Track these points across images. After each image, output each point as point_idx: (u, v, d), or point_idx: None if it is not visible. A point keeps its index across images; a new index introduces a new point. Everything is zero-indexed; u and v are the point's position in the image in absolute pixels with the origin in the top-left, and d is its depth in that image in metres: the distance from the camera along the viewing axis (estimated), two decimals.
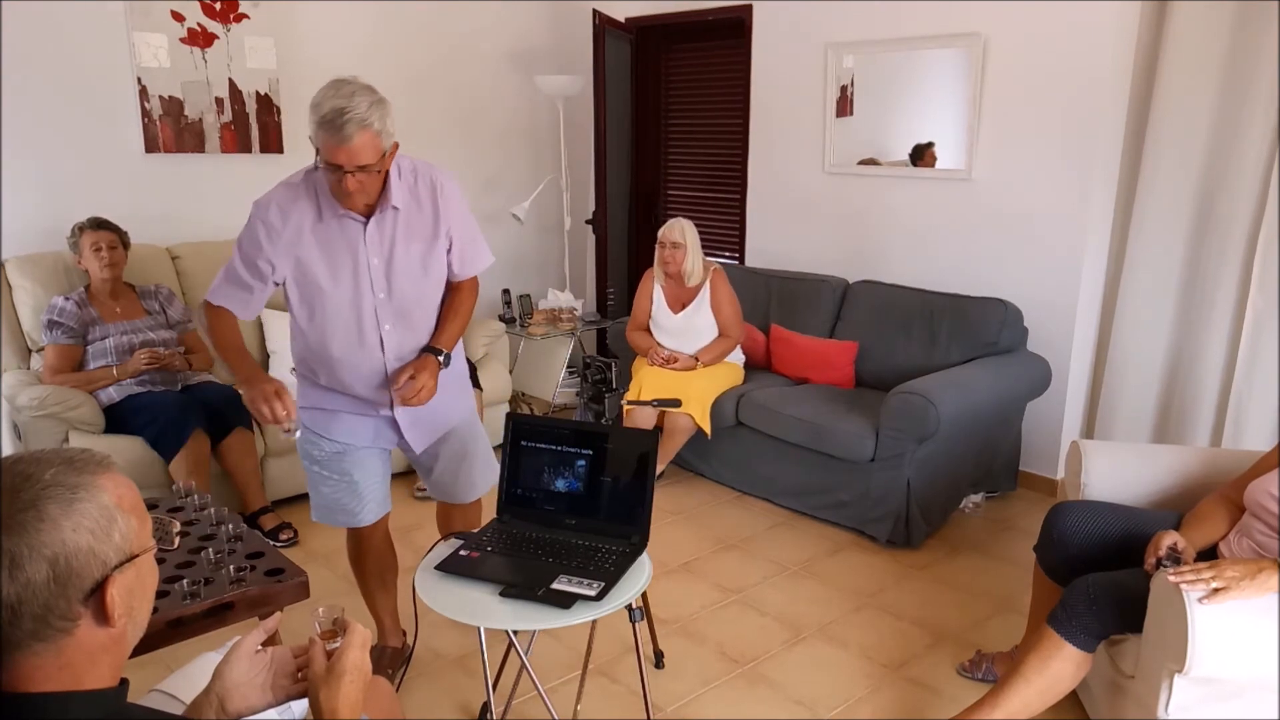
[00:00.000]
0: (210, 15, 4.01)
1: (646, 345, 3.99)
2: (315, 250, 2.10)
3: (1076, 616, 2.07)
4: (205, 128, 4.09)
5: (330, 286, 2.12)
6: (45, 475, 0.94)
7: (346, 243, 2.12)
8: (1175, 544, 2.04)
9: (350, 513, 2.40)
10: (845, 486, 3.45)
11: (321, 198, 2.09)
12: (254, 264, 2.10)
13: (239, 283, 2.14)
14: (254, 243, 2.09)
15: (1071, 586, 2.12)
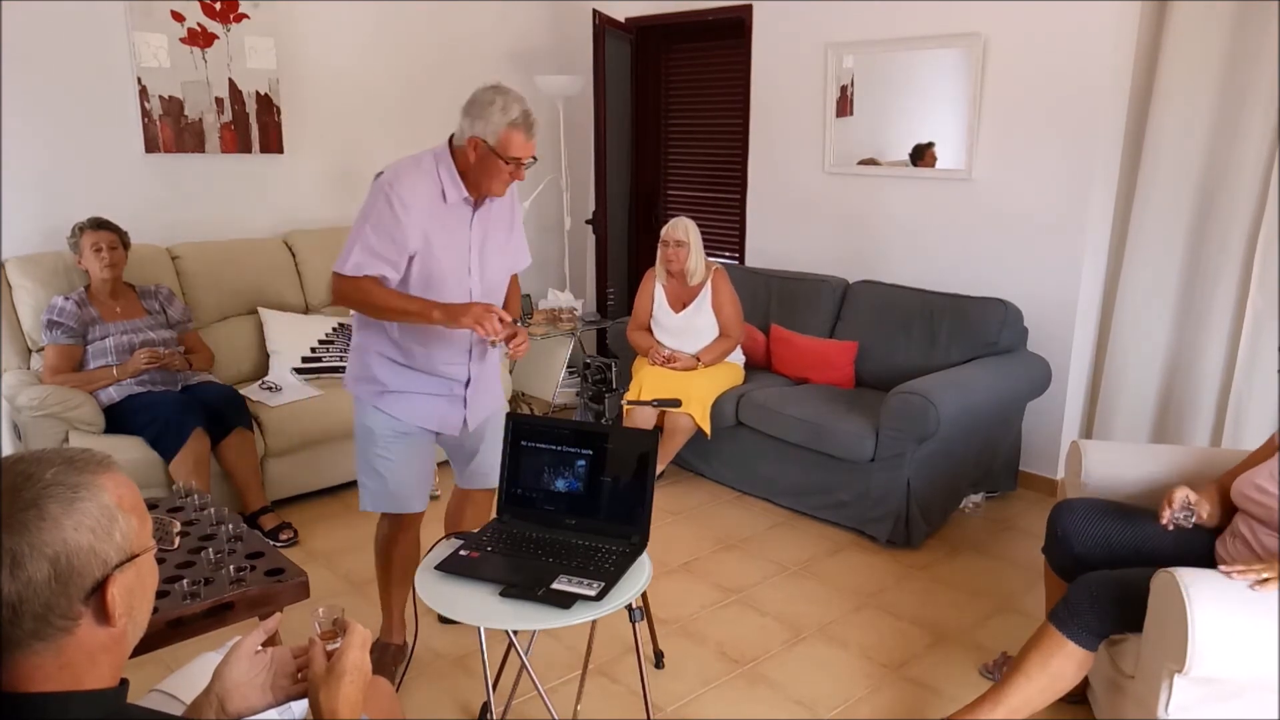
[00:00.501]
0: (210, 15, 4.01)
1: (647, 345, 3.99)
2: (437, 229, 2.26)
3: (1078, 615, 2.08)
4: (205, 128, 4.09)
5: (445, 264, 2.27)
6: (46, 474, 0.94)
7: (459, 225, 2.30)
8: (1188, 497, 2.05)
9: (403, 499, 2.46)
10: (845, 486, 3.45)
11: (446, 181, 2.26)
12: (391, 238, 2.20)
13: (380, 255, 2.22)
14: (390, 217, 2.19)
15: (1075, 584, 2.13)
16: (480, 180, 2.27)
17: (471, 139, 2.24)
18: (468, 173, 2.27)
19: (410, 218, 2.20)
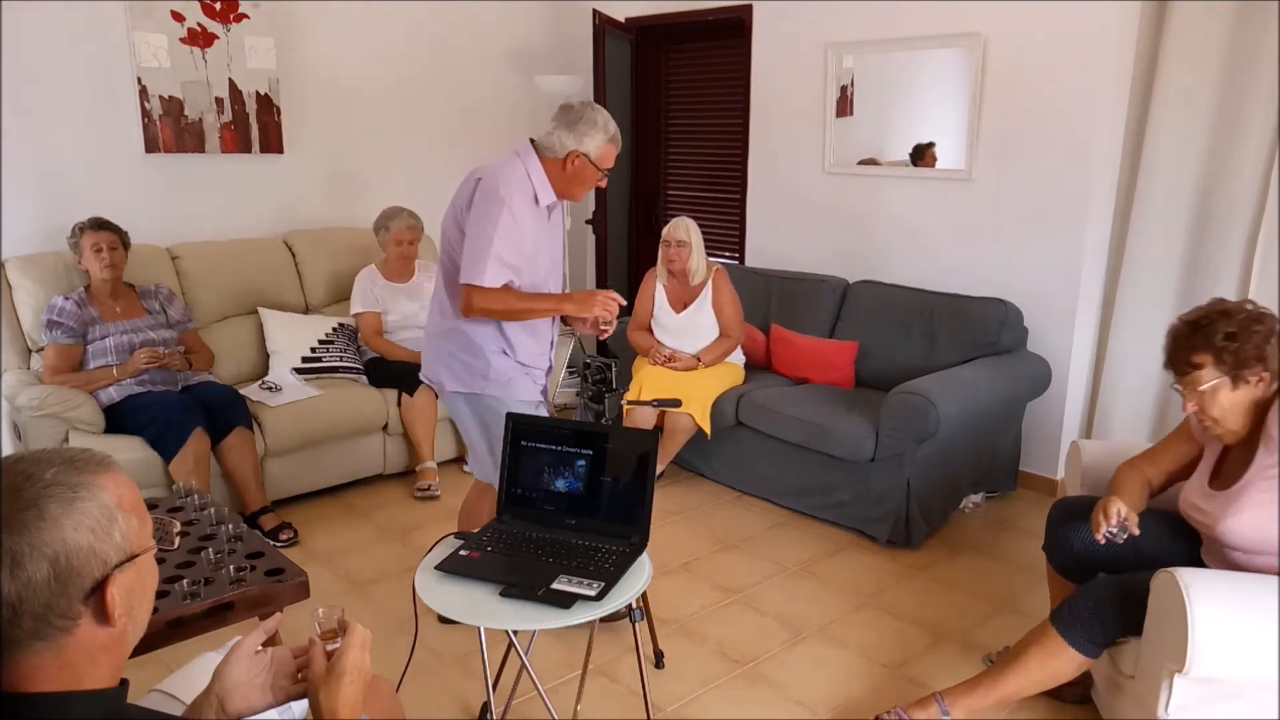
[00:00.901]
0: (210, 15, 4.01)
1: (647, 345, 3.99)
2: (539, 231, 2.51)
3: (1081, 622, 2.08)
4: (205, 128, 4.09)
5: (543, 262, 2.55)
6: (46, 474, 0.94)
7: (553, 226, 2.60)
8: (1120, 510, 2.07)
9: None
10: (845, 486, 3.45)
11: (537, 186, 2.48)
12: (517, 247, 2.42)
13: (509, 264, 2.42)
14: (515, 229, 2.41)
15: (1079, 592, 2.13)
16: (568, 188, 2.50)
17: (572, 153, 2.44)
18: (556, 180, 2.48)
19: (527, 225, 2.43)
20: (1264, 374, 1.93)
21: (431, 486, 3.81)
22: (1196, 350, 1.95)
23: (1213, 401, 1.96)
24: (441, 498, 3.82)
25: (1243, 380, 1.93)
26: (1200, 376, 1.96)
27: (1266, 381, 1.94)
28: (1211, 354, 1.94)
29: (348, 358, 4.00)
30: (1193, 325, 1.98)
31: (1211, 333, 1.94)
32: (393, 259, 4.03)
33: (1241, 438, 2.03)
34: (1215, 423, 2.00)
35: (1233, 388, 1.94)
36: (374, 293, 4.03)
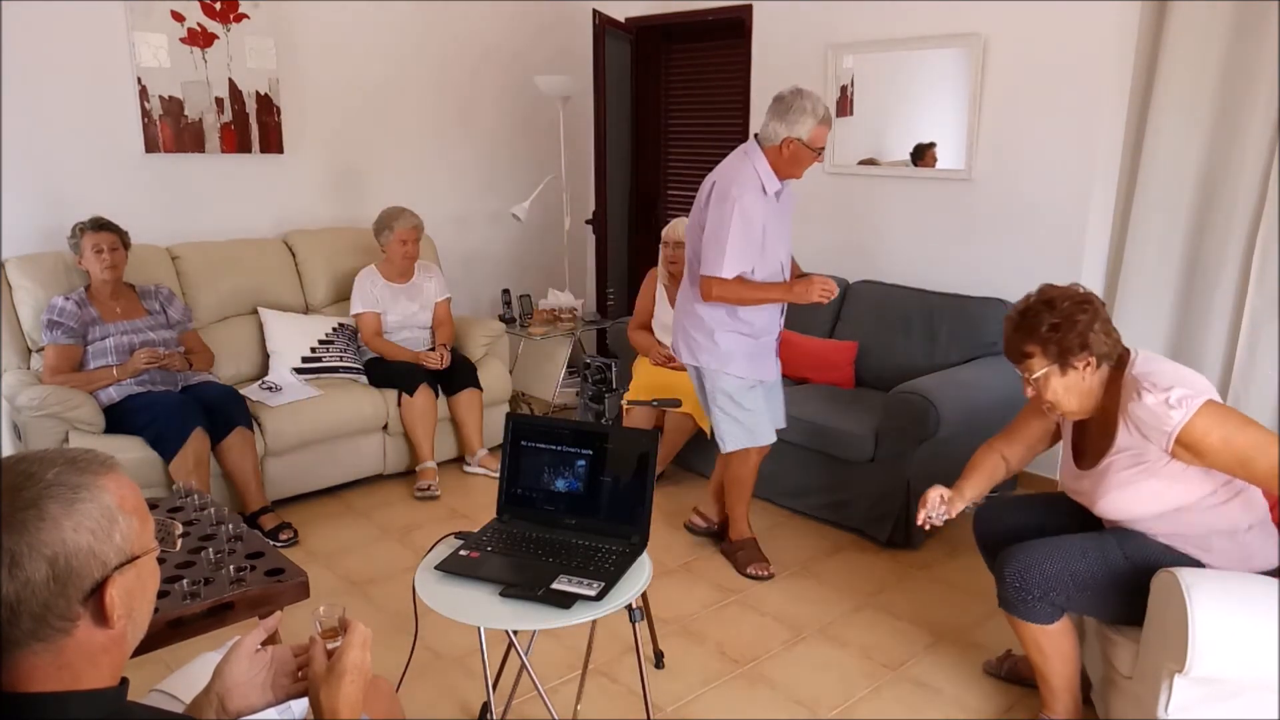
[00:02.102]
0: (210, 15, 4.01)
1: (648, 344, 3.99)
2: (770, 219, 2.82)
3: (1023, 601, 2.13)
4: (205, 128, 4.09)
5: (773, 248, 2.86)
6: (48, 475, 0.94)
7: (782, 212, 2.89)
8: (941, 495, 2.26)
9: (760, 434, 3.04)
10: (845, 486, 3.45)
11: (764, 177, 2.79)
12: (750, 240, 2.77)
13: (746, 256, 2.79)
14: (745, 225, 2.74)
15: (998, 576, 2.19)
16: (789, 169, 2.80)
17: (786, 140, 2.74)
18: (777, 165, 2.78)
19: (756, 216, 2.75)
20: (1089, 359, 1.97)
21: (431, 486, 3.81)
22: (1025, 341, 2.01)
23: (1046, 387, 2.02)
24: (441, 498, 3.82)
25: (1070, 367, 1.98)
26: (1032, 365, 2.02)
27: (1093, 366, 1.99)
28: (1038, 344, 1.99)
29: (348, 358, 4.00)
30: (1021, 314, 2.04)
31: (1037, 324, 1.99)
32: (395, 259, 4.03)
33: (1096, 414, 2.07)
34: (1052, 406, 2.06)
35: (1061, 374, 2.00)
36: (374, 293, 4.03)
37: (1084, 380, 2.01)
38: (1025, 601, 2.12)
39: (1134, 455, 1.99)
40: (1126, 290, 3.65)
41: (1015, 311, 2.06)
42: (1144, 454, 1.97)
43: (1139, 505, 2.03)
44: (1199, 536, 2.02)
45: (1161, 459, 1.96)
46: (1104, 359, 2.01)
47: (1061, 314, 1.97)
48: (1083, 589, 2.08)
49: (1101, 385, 2.04)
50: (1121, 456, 2.01)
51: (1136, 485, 2.00)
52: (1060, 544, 2.12)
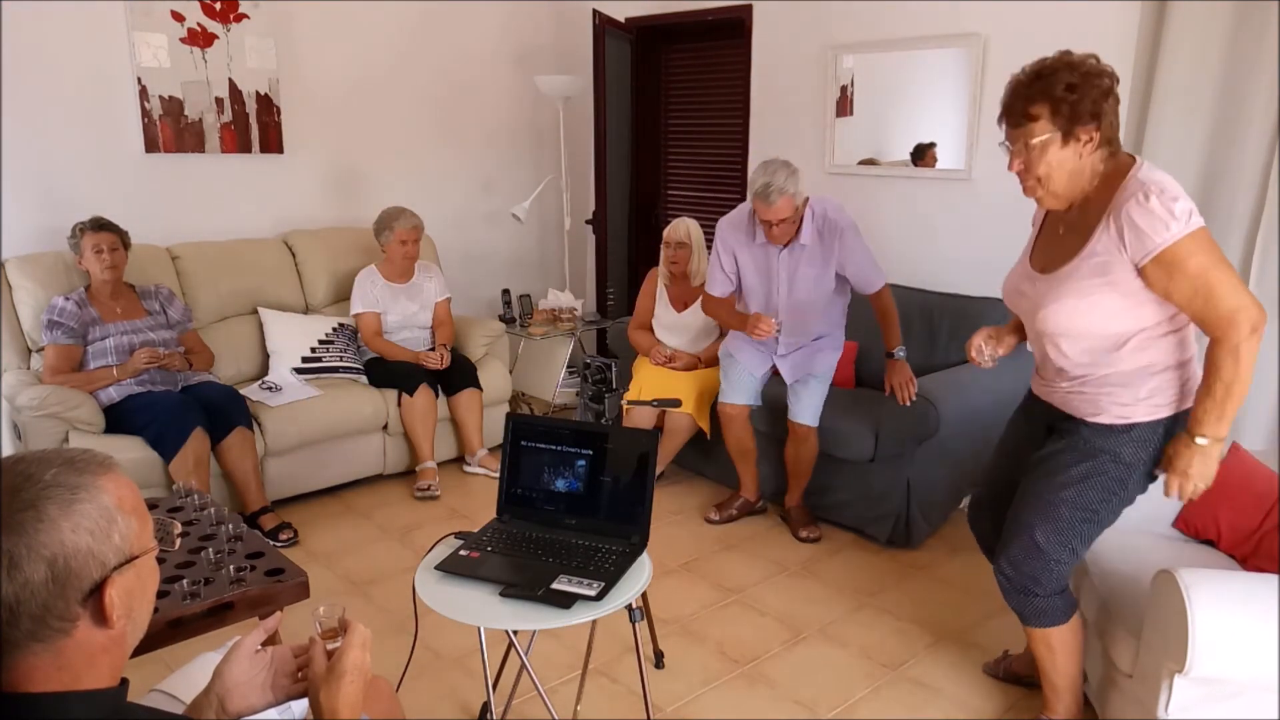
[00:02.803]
0: (210, 15, 4.01)
1: (648, 344, 3.99)
2: (749, 261, 3.34)
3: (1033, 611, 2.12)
4: (205, 128, 4.09)
5: (754, 285, 3.36)
6: (46, 475, 0.94)
7: (767, 260, 3.30)
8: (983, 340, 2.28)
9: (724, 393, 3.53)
10: (845, 486, 3.45)
11: (756, 228, 3.23)
12: (722, 266, 3.38)
13: (721, 281, 3.41)
14: (722, 251, 3.37)
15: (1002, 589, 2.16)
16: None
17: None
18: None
19: (728, 252, 3.36)
20: (1094, 134, 1.85)
21: (431, 486, 3.81)
22: (1035, 100, 1.85)
23: (1040, 158, 1.87)
24: (441, 498, 3.82)
25: (1074, 137, 1.85)
26: (1034, 129, 1.86)
27: (1094, 144, 1.87)
28: (1049, 105, 1.83)
29: (348, 358, 4.00)
30: (1035, 74, 1.87)
31: (1054, 82, 1.83)
32: (396, 259, 4.03)
33: (1074, 214, 1.96)
34: (1038, 183, 1.92)
35: (1062, 144, 1.86)
36: (374, 293, 4.03)
37: (1080, 158, 1.87)
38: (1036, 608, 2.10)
39: (1101, 264, 1.87)
40: None
41: (1027, 71, 1.88)
42: (1111, 265, 1.86)
43: (1087, 320, 1.91)
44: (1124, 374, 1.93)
45: (1127, 274, 1.85)
46: (1106, 143, 1.88)
47: (1080, 75, 1.82)
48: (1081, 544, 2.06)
49: (1093, 178, 1.91)
50: (1088, 263, 1.89)
51: (1093, 297, 1.89)
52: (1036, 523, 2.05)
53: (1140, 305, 1.88)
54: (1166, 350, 1.92)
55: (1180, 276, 1.79)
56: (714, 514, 3.64)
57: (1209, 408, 1.84)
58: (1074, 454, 2.00)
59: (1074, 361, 1.99)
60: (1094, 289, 1.89)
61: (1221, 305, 1.78)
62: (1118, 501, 2.02)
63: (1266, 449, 3.19)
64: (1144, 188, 1.83)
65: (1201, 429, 1.86)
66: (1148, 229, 1.79)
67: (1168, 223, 1.78)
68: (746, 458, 3.60)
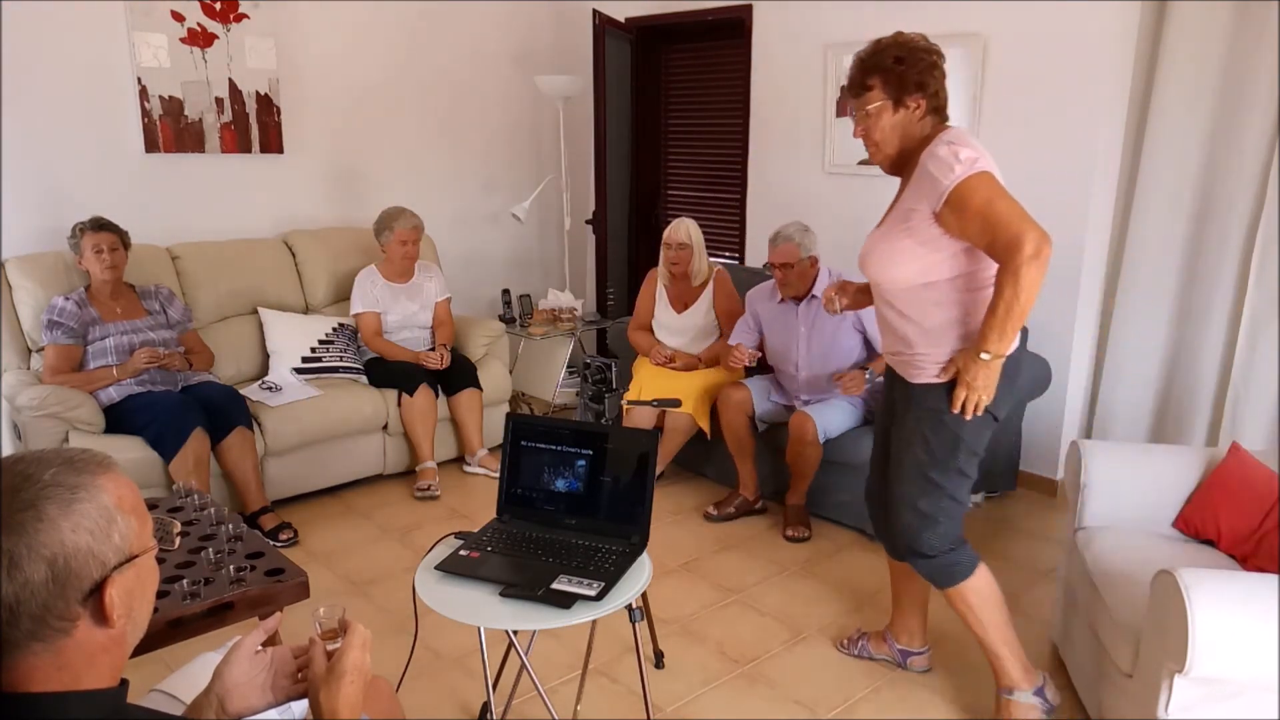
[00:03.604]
0: (210, 15, 4.01)
1: (648, 345, 3.99)
2: (771, 319, 3.59)
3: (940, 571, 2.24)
4: (205, 128, 4.09)
5: (777, 338, 3.58)
6: (45, 475, 0.94)
7: (785, 316, 3.54)
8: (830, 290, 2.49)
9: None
10: (845, 486, 3.45)
11: (777, 292, 3.54)
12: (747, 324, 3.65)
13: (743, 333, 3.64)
14: (749, 313, 3.66)
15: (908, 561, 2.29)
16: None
17: None
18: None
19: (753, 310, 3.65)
20: (921, 101, 2.08)
21: (431, 486, 3.81)
22: (870, 72, 2.11)
23: (876, 124, 2.11)
24: (441, 498, 3.82)
25: (903, 105, 2.08)
26: (870, 97, 2.11)
27: (922, 110, 2.09)
28: (881, 76, 2.09)
29: (348, 358, 4.00)
30: (871, 51, 2.15)
31: (884, 56, 2.10)
32: (395, 259, 4.03)
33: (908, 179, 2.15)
34: (876, 148, 2.16)
35: (894, 111, 2.09)
36: (374, 293, 4.03)
37: (910, 125, 2.10)
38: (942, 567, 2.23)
39: (906, 212, 2.09)
40: (1126, 290, 3.65)
41: (867, 47, 2.17)
42: (913, 214, 2.07)
43: (897, 267, 2.11)
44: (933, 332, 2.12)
45: (925, 222, 2.04)
46: (934, 111, 2.11)
47: (909, 50, 2.10)
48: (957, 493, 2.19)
49: (923, 143, 2.10)
50: (898, 214, 2.13)
51: (897, 243, 2.11)
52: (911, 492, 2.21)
53: (937, 253, 2.06)
54: (968, 307, 2.11)
55: (969, 213, 1.97)
56: (713, 509, 3.65)
57: (993, 325, 2.01)
58: (915, 418, 2.19)
59: (896, 313, 2.18)
60: (897, 236, 2.12)
61: (1006, 231, 1.93)
62: (967, 446, 2.16)
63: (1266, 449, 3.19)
64: (939, 141, 2.04)
65: (986, 345, 2.03)
66: (937, 173, 2.00)
67: (953, 165, 1.97)
68: (744, 452, 3.61)
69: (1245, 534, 2.30)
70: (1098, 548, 2.38)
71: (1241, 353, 3.35)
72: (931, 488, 2.17)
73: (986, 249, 1.99)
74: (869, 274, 2.22)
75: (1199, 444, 3.53)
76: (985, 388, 2.08)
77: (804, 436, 3.33)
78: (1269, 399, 3.31)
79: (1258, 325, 3.30)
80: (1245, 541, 2.30)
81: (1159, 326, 3.61)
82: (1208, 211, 3.44)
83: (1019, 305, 1.95)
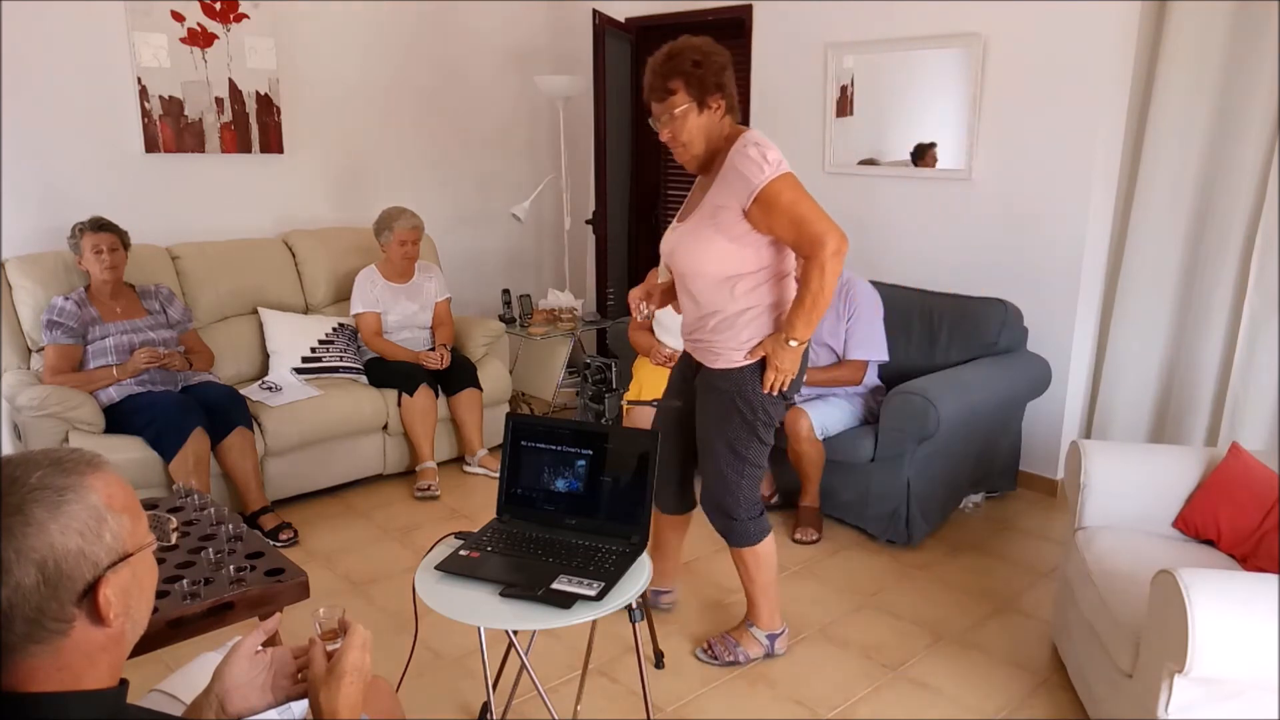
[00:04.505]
0: (210, 15, 4.01)
1: (648, 345, 3.98)
2: None
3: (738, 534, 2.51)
4: (205, 128, 4.09)
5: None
6: (32, 478, 0.93)
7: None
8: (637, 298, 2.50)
9: None
10: (845, 486, 3.45)
11: None
12: None
13: None
14: None
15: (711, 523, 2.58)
16: None
17: None
18: None
19: None
20: (720, 101, 2.20)
21: (431, 486, 3.81)
22: (671, 77, 2.19)
23: (683, 126, 2.21)
24: (441, 498, 3.82)
25: (706, 106, 2.19)
26: (675, 101, 2.20)
27: (722, 110, 2.21)
28: (683, 79, 2.18)
29: (348, 358, 4.00)
30: (667, 56, 2.21)
31: (683, 60, 2.18)
32: (395, 259, 4.03)
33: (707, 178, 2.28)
34: (684, 148, 2.24)
35: (699, 112, 2.19)
36: (374, 293, 4.03)
37: (714, 125, 2.21)
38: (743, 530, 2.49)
39: (715, 208, 2.21)
40: (1127, 290, 3.65)
41: (661, 52, 2.23)
42: (722, 210, 2.19)
43: (708, 260, 2.23)
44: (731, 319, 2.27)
45: (734, 218, 2.18)
46: (730, 110, 2.24)
47: (703, 53, 2.19)
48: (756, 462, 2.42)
49: (723, 141, 2.23)
50: (708, 209, 2.23)
51: (706, 238, 2.22)
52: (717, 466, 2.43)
53: (744, 248, 2.22)
54: (766, 294, 2.29)
55: (777, 211, 2.14)
56: None
57: (800, 314, 2.21)
58: (720, 399, 2.36)
59: (700, 304, 2.31)
60: (707, 231, 2.23)
61: (811, 229, 2.14)
62: (766, 421, 2.38)
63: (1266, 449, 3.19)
64: (746, 142, 2.19)
65: (794, 333, 2.23)
66: (748, 173, 2.14)
67: (762, 166, 2.13)
68: None
69: (1245, 534, 2.31)
70: (1098, 548, 2.39)
71: (1241, 352, 3.34)
72: (737, 459, 2.40)
73: (793, 244, 2.21)
74: (678, 267, 2.32)
75: (1199, 444, 3.53)
76: (790, 370, 2.29)
77: (799, 433, 3.32)
78: (1269, 399, 3.31)
79: (1257, 325, 3.30)
80: (1245, 541, 2.30)
81: (1159, 326, 3.61)
82: (1208, 211, 3.44)
83: (823, 297, 2.18)
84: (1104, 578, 2.29)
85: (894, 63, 4.03)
